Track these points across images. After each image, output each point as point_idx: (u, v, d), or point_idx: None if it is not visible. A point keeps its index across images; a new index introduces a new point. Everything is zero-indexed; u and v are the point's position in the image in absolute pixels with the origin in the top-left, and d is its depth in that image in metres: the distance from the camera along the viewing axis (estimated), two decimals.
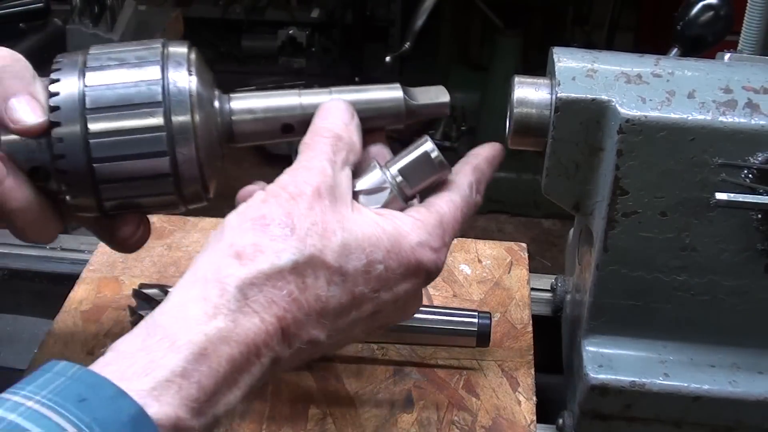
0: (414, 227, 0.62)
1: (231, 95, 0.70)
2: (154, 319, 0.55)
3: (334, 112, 0.66)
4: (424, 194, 0.68)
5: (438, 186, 0.67)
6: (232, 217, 0.60)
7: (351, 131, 0.66)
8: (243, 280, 0.55)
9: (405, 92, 0.71)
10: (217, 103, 0.69)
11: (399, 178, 0.65)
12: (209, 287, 0.55)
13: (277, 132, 0.70)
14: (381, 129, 0.71)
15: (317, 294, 0.58)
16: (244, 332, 0.54)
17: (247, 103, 0.70)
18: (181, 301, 0.55)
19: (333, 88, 0.71)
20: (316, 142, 0.64)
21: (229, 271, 0.55)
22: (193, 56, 0.68)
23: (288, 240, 0.57)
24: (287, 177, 0.61)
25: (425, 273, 0.63)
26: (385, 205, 0.65)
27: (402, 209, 0.65)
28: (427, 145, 0.66)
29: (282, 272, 0.56)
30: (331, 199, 0.60)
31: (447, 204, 0.65)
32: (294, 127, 0.70)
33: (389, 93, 0.71)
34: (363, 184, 0.65)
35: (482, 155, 0.72)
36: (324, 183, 0.60)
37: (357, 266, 0.59)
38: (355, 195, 0.64)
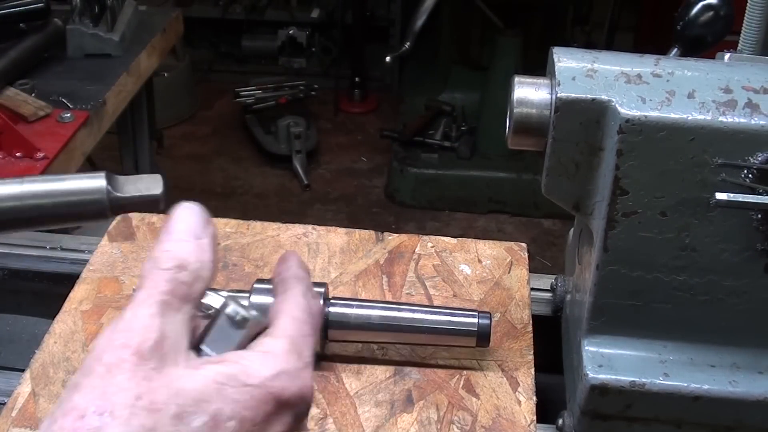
0: (263, 361, 0.54)
1: None
2: None
3: (180, 224, 0.57)
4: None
5: (273, 310, 0.59)
6: (45, 421, 0.50)
7: (202, 250, 0.56)
8: None
9: (111, 182, 0.64)
10: None
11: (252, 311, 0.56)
12: None
13: None
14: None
15: None
16: None
17: None
18: None
19: (26, 177, 0.64)
20: (152, 276, 0.54)
21: None
22: None
23: (110, 428, 0.48)
24: (104, 340, 0.52)
25: (292, 406, 0.54)
26: (239, 346, 0.56)
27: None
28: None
29: None
30: (157, 359, 0.51)
31: (290, 323, 0.58)
32: None
33: (90, 183, 0.64)
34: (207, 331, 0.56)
35: (285, 263, 0.64)
36: (148, 340, 0.51)
37: (199, 427, 0.50)
38: (201, 338, 0.56)
